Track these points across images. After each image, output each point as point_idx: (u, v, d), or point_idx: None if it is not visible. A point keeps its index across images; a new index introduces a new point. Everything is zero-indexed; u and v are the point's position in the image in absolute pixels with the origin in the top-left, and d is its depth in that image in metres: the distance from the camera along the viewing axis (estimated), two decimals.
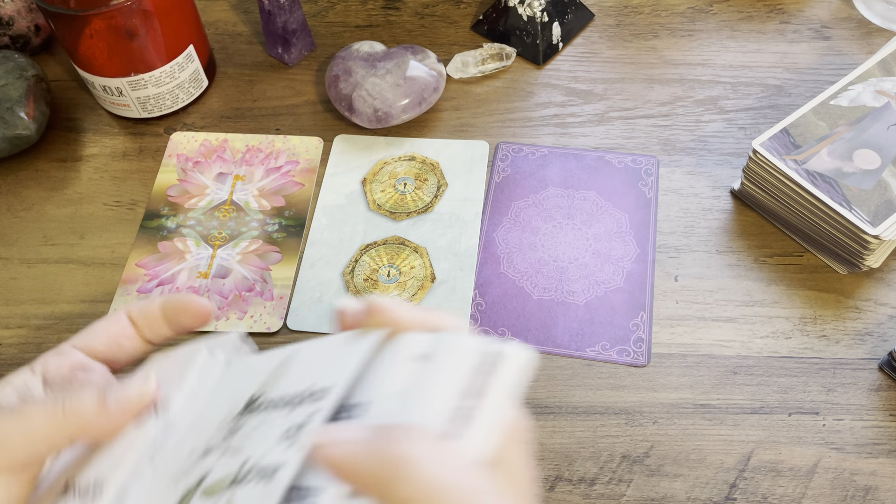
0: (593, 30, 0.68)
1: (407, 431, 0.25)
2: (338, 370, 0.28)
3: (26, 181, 0.61)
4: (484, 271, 0.54)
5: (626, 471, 0.47)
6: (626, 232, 0.56)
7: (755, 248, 0.55)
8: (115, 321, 0.38)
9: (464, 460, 0.24)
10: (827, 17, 0.67)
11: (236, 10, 0.71)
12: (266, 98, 0.65)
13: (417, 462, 0.24)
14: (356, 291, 0.54)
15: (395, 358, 0.28)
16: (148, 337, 0.38)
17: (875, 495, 0.45)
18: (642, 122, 0.61)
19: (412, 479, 0.23)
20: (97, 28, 0.56)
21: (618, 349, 0.51)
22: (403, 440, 0.24)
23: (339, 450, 0.25)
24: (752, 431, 0.48)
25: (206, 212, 0.58)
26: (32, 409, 0.32)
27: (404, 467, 0.24)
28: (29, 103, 0.59)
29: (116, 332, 0.37)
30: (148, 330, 0.38)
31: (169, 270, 0.55)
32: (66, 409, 0.32)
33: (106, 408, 0.32)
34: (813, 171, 0.52)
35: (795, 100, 0.62)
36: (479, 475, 0.25)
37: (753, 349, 0.51)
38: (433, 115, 0.63)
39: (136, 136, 0.63)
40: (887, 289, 0.53)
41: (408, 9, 0.70)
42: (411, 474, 0.23)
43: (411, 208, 0.58)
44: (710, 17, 0.68)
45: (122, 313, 0.38)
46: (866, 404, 0.48)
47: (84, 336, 0.37)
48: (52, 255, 0.57)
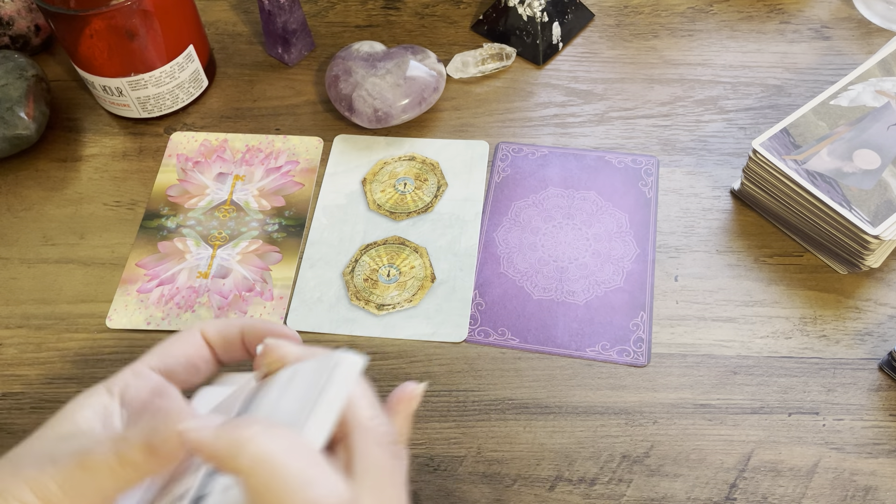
0: (593, 30, 0.68)
1: (249, 419, 0.30)
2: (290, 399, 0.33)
3: (26, 181, 0.61)
4: (484, 271, 0.54)
5: (626, 471, 0.47)
6: (626, 232, 0.56)
7: (755, 248, 0.55)
8: (192, 343, 0.37)
9: (299, 440, 0.29)
10: (827, 17, 0.67)
11: (236, 10, 0.71)
12: (266, 98, 0.65)
13: (254, 439, 0.28)
14: (356, 291, 0.54)
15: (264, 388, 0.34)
16: (222, 359, 0.38)
17: (875, 495, 0.45)
18: (642, 122, 0.61)
19: (251, 453, 0.28)
20: (97, 28, 0.56)
21: (618, 349, 0.51)
22: (245, 425, 0.29)
23: (196, 434, 0.29)
24: (752, 431, 0.48)
25: (206, 212, 0.58)
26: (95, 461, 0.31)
27: (245, 443, 0.28)
28: (29, 103, 0.59)
29: (194, 355, 0.36)
30: (226, 355, 0.37)
31: (169, 270, 0.55)
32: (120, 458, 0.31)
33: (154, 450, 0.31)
34: (813, 171, 0.52)
35: (795, 100, 0.62)
36: (313, 453, 0.29)
37: (753, 349, 0.51)
38: (433, 115, 0.63)
39: (136, 136, 0.63)
40: (887, 289, 0.53)
41: (408, 9, 0.70)
42: (250, 449, 0.28)
43: (411, 208, 0.58)
44: (710, 17, 0.68)
45: (196, 333, 0.37)
46: (866, 404, 0.48)
47: (161, 357, 0.36)
48: (52, 255, 0.57)
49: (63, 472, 0.31)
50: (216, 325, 0.37)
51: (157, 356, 0.36)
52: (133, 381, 0.35)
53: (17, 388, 0.51)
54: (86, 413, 0.34)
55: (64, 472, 0.31)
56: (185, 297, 0.54)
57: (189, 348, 0.36)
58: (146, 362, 0.36)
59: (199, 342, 0.37)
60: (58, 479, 0.31)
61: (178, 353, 0.36)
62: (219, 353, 0.37)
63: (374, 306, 0.53)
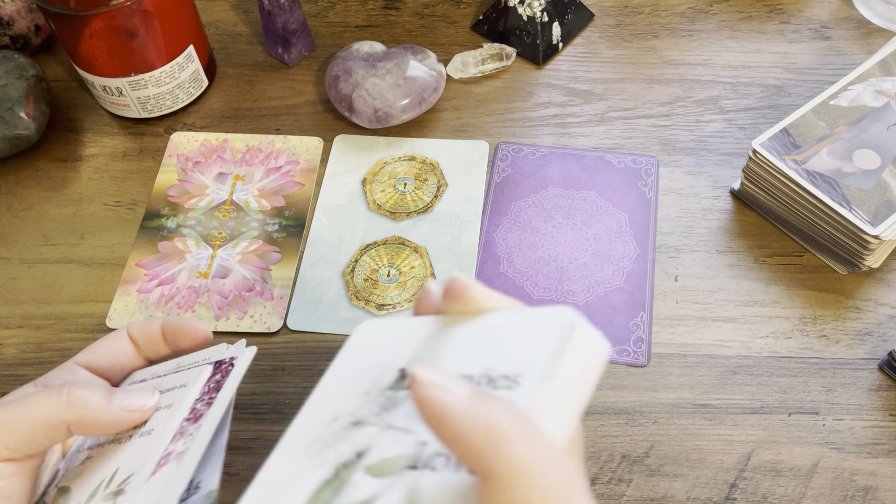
0: (593, 30, 0.68)
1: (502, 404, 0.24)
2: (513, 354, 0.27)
3: (26, 181, 0.61)
4: (484, 271, 0.54)
5: (626, 471, 0.47)
6: (626, 232, 0.56)
7: (755, 248, 0.55)
8: (117, 340, 0.40)
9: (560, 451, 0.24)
10: (827, 17, 0.67)
11: (236, 10, 0.71)
12: (266, 98, 0.65)
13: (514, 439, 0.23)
14: (356, 291, 0.54)
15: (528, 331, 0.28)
16: (147, 355, 0.40)
17: (875, 495, 0.45)
18: (642, 122, 0.61)
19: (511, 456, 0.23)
20: (97, 28, 0.56)
21: (618, 349, 0.51)
22: (501, 413, 0.24)
23: (442, 396, 0.24)
24: (752, 431, 0.48)
25: (206, 212, 0.58)
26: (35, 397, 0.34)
27: (503, 442, 0.23)
28: (29, 103, 0.59)
29: (117, 350, 0.39)
30: (148, 349, 0.40)
31: (169, 270, 0.55)
32: (71, 396, 0.33)
33: (110, 405, 0.34)
34: (813, 171, 0.52)
35: (795, 100, 0.62)
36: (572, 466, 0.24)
37: (753, 349, 0.51)
38: (433, 115, 0.63)
39: (136, 136, 0.63)
40: (887, 289, 0.53)
41: (408, 9, 0.70)
42: (510, 451, 0.23)
43: (411, 208, 0.58)
44: (710, 17, 0.68)
45: (123, 332, 0.40)
46: (866, 404, 0.48)
47: (86, 353, 0.39)
48: (52, 255, 0.57)
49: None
50: (140, 324, 0.40)
51: (84, 354, 0.39)
52: (60, 375, 0.38)
53: (17, 388, 0.51)
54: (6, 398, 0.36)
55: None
56: (185, 297, 0.54)
57: (113, 345, 0.40)
58: (75, 360, 0.39)
59: (124, 340, 0.40)
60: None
61: (102, 349, 0.39)
62: (143, 350, 0.40)
63: (374, 306, 0.53)
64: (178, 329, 0.40)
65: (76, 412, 0.33)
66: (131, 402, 0.35)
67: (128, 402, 0.35)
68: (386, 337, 0.33)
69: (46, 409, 0.33)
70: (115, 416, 0.34)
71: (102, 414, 0.34)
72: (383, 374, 0.30)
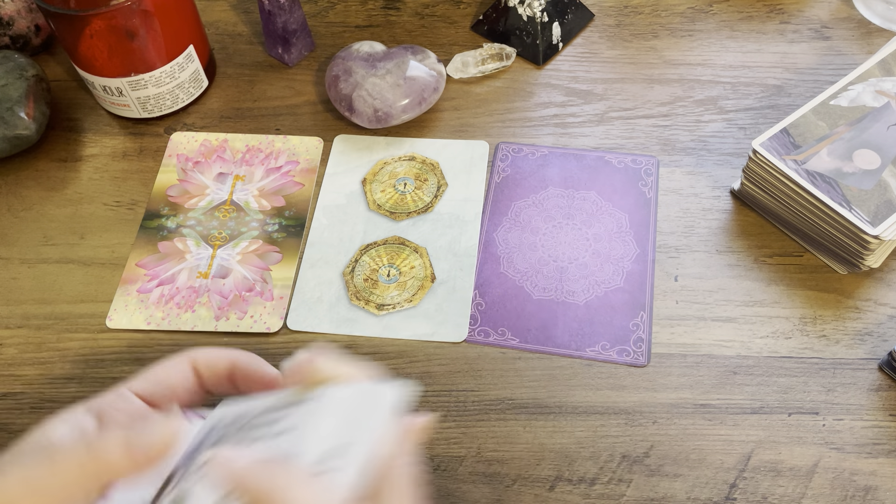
0: (593, 30, 0.68)
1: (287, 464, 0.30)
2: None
3: (26, 181, 0.61)
4: (484, 271, 0.54)
5: (626, 471, 0.47)
6: (626, 232, 0.56)
7: (755, 248, 0.55)
8: (179, 370, 0.37)
9: (331, 494, 0.29)
10: (827, 17, 0.67)
11: (236, 10, 0.71)
12: (266, 98, 0.65)
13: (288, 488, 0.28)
14: (356, 291, 0.54)
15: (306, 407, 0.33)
16: (209, 389, 0.38)
17: (875, 495, 0.45)
18: (642, 122, 0.61)
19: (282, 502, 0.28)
20: (97, 28, 0.56)
21: (618, 349, 0.51)
22: (282, 470, 0.29)
23: (238, 463, 0.30)
24: (752, 431, 0.48)
25: (206, 212, 0.58)
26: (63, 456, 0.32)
27: (279, 491, 0.28)
28: (29, 103, 0.59)
29: (176, 382, 0.37)
30: (212, 384, 0.38)
31: (169, 270, 0.55)
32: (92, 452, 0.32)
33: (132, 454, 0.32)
34: (813, 171, 0.52)
35: (795, 100, 0.62)
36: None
37: (753, 349, 0.51)
38: (433, 115, 0.63)
39: (136, 136, 0.63)
40: (887, 289, 0.53)
41: (408, 9, 0.70)
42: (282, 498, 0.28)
43: (411, 208, 0.58)
44: (710, 17, 0.68)
45: (185, 360, 0.37)
46: (866, 404, 0.48)
47: (144, 382, 0.36)
48: (52, 255, 0.57)
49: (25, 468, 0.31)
50: (207, 354, 0.37)
51: (142, 380, 0.36)
52: (113, 402, 0.35)
53: (17, 388, 0.51)
54: (60, 428, 0.34)
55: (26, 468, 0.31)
56: (186, 297, 0.54)
57: (174, 376, 0.37)
58: (131, 386, 0.36)
59: (186, 371, 0.37)
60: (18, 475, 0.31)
61: (162, 379, 0.36)
62: (206, 384, 0.37)
63: (374, 306, 0.53)
64: (249, 374, 0.37)
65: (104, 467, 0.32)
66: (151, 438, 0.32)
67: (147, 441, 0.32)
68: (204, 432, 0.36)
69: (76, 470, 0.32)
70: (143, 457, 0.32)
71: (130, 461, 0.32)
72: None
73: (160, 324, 0.53)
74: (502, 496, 0.46)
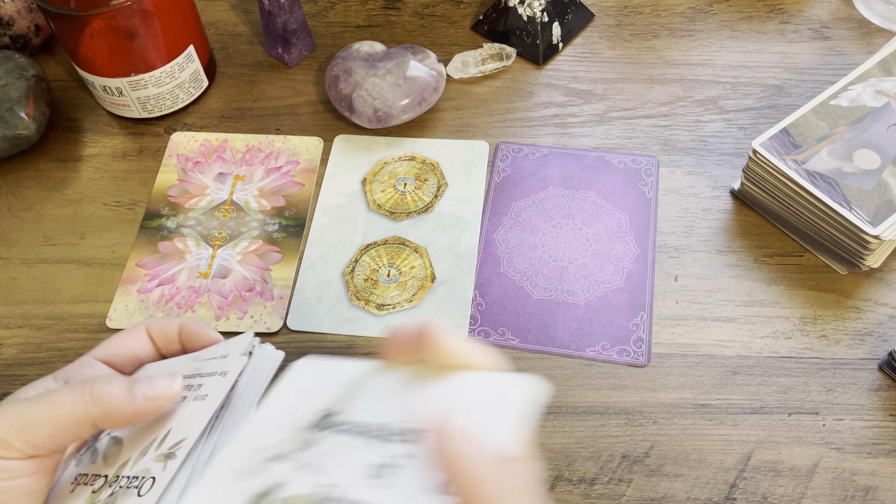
0: (593, 30, 0.68)
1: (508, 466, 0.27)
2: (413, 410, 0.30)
3: (26, 181, 0.61)
4: (484, 271, 0.54)
5: (626, 471, 0.47)
6: (626, 232, 0.56)
7: (755, 248, 0.55)
8: (135, 336, 0.40)
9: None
10: (827, 17, 0.67)
11: (236, 10, 0.71)
12: (266, 98, 0.65)
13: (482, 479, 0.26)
14: (356, 291, 0.54)
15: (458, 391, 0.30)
16: (162, 352, 0.41)
17: (875, 495, 0.45)
18: (642, 122, 0.61)
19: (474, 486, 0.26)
20: (97, 28, 0.56)
21: (618, 349, 0.51)
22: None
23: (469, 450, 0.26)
24: (752, 431, 0.48)
25: (206, 212, 0.58)
26: (59, 394, 0.34)
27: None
28: (29, 103, 0.59)
29: (135, 346, 0.40)
30: (164, 347, 0.40)
31: (169, 270, 0.55)
32: (94, 392, 0.33)
33: (133, 396, 0.34)
34: (813, 171, 0.52)
35: (795, 100, 0.62)
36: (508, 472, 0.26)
37: (753, 349, 0.51)
38: (433, 115, 0.63)
39: (136, 136, 0.63)
40: (887, 289, 0.53)
41: (408, 9, 0.70)
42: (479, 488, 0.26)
43: (411, 208, 0.58)
44: (710, 17, 0.68)
45: (141, 328, 0.40)
46: (866, 404, 0.48)
47: (105, 348, 0.39)
48: (52, 255, 0.57)
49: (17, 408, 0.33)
50: (158, 322, 0.40)
51: (103, 348, 0.39)
52: (79, 369, 0.38)
53: (17, 387, 0.51)
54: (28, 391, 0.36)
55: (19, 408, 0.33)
56: (186, 297, 0.54)
57: (132, 341, 0.40)
58: (94, 353, 0.39)
59: (142, 337, 0.40)
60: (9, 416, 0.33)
61: (121, 346, 0.39)
62: (160, 347, 0.40)
63: (374, 306, 0.53)
64: (195, 334, 0.40)
65: (101, 407, 0.33)
66: (153, 390, 0.35)
67: (150, 392, 0.34)
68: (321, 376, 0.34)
69: (71, 406, 0.33)
70: (140, 406, 0.34)
71: (127, 406, 0.34)
72: (305, 414, 0.32)
73: None
74: None
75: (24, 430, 0.32)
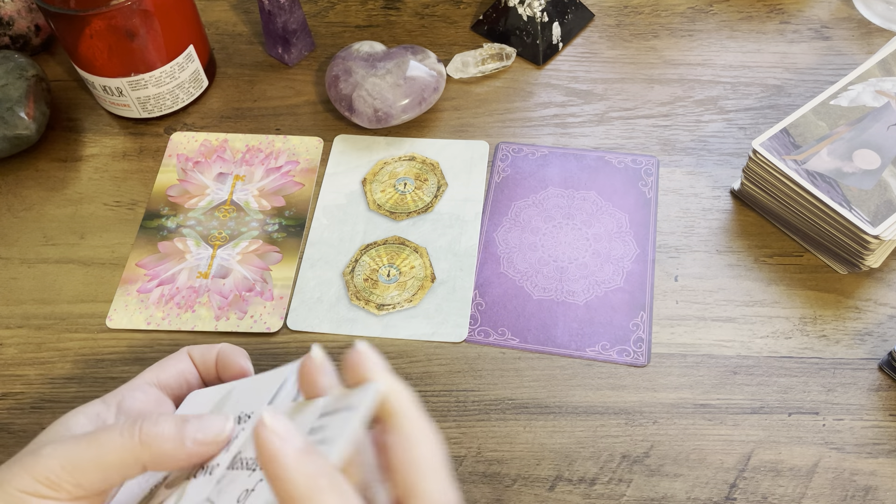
0: (593, 30, 0.68)
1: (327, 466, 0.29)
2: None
3: (26, 181, 0.61)
4: (484, 271, 0.54)
5: (626, 471, 0.47)
6: (626, 232, 0.56)
7: (755, 248, 0.55)
8: (183, 360, 0.40)
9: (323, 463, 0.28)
10: (827, 17, 0.67)
11: (236, 10, 0.71)
12: (266, 98, 0.65)
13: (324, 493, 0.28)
14: (356, 291, 0.54)
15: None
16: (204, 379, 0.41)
17: (875, 495, 0.45)
18: (642, 122, 0.61)
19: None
20: (97, 28, 0.56)
21: (618, 349, 0.51)
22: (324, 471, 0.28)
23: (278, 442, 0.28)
24: (752, 431, 0.48)
25: (206, 212, 0.58)
26: (108, 436, 0.33)
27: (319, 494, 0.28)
28: (29, 103, 0.59)
29: (185, 370, 0.40)
30: (203, 372, 0.41)
31: (169, 270, 0.55)
32: (143, 435, 0.33)
33: (184, 440, 0.33)
34: (813, 171, 0.52)
35: (795, 100, 0.62)
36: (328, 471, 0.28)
37: (753, 349, 0.51)
38: (433, 115, 0.63)
39: (136, 136, 0.63)
40: (887, 289, 0.53)
41: (408, 9, 0.70)
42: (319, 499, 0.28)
43: (411, 208, 0.58)
44: (710, 17, 0.68)
45: (184, 353, 0.40)
46: (866, 404, 0.48)
47: (156, 371, 0.39)
48: (52, 255, 0.57)
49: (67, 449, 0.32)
50: (200, 347, 0.41)
51: (154, 371, 0.39)
52: (130, 393, 0.37)
53: (17, 388, 0.51)
54: (79, 419, 0.36)
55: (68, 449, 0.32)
56: (186, 297, 0.54)
57: (180, 364, 0.40)
58: (144, 378, 0.39)
59: (187, 360, 0.40)
60: (60, 457, 0.32)
61: (172, 369, 0.39)
62: (201, 372, 0.41)
63: (374, 306, 0.53)
64: (229, 360, 0.40)
65: (150, 452, 0.32)
66: (205, 434, 0.33)
67: (201, 436, 0.33)
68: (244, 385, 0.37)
69: (120, 449, 0.32)
70: (191, 451, 0.33)
71: (179, 452, 0.33)
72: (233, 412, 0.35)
73: (160, 324, 0.53)
74: (502, 496, 0.46)
75: (74, 473, 0.32)
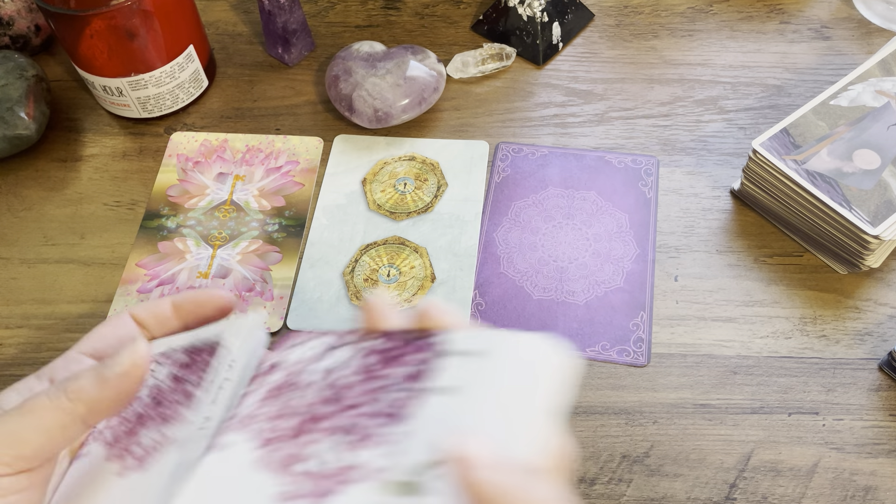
0: (593, 30, 0.68)
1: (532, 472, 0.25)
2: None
3: (26, 181, 0.61)
4: (484, 271, 0.54)
5: (626, 471, 0.47)
6: (626, 232, 0.56)
7: (755, 248, 0.55)
8: (122, 324, 0.37)
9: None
10: (827, 17, 0.67)
11: (236, 10, 0.71)
12: (266, 98, 0.65)
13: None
14: (356, 291, 0.54)
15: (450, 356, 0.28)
16: (156, 336, 0.38)
17: (875, 495, 0.45)
18: (642, 122, 0.61)
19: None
20: (97, 28, 0.56)
21: (618, 349, 0.51)
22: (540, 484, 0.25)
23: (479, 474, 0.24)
24: (752, 431, 0.48)
25: (206, 212, 0.58)
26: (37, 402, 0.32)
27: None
28: (29, 103, 0.59)
29: (123, 335, 0.37)
30: (158, 329, 0.38)
31: (169, 270, 0.55)
32: (69, 392, 0.32)
33: (105, 380, 0.32)
34: (813, 171, 0.52)
35: (795, 100, 0.62)
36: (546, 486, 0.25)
37: (753, 349, 0.51)
38: (433, 115, 0.63)
39: (136, 136, 0.63)
40: (887, 289, 0.53)
41: (408, 9, 0.70)
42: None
43: (411, 208, 0.58)
44: (710, 17, 0.68)
45: (125, 315, 0.38)
46: (866, 404, 0.48)
47: (90, 341, 0.37)
48: (52, 255, 0.57)
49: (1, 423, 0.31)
50: (144, 305, 0.38)
51: (87, 342, 0.37)
52: (63, 365, 0.36)
53: None
54: (11, 396, 0.34)
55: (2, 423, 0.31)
56: None
57: (119, 329, 0.37)
58: (78, 348, 0.36)
59: (128, 324, 0.37)
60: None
61: (108, 335, 0.37)
62: (152, 331, 0.38)
63: None
64: (197, 302, 0.37)
65: (82, 405, 0.31)
66: (120, 365, 0.32)
67: (119, 368, 0.32)
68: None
69: (53, 412, 0.31)
70: (117, 386, 0.32)
71: (106, 392, 0.32)
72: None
73: None
74: None
75: (12, 445, 0.31)
